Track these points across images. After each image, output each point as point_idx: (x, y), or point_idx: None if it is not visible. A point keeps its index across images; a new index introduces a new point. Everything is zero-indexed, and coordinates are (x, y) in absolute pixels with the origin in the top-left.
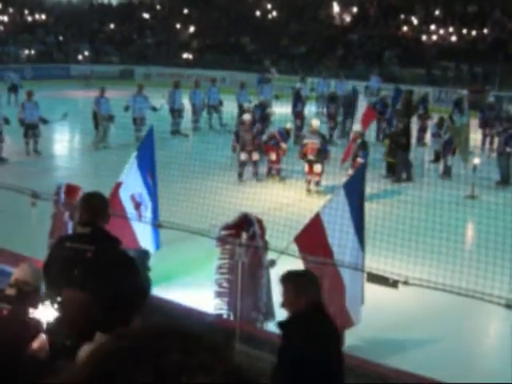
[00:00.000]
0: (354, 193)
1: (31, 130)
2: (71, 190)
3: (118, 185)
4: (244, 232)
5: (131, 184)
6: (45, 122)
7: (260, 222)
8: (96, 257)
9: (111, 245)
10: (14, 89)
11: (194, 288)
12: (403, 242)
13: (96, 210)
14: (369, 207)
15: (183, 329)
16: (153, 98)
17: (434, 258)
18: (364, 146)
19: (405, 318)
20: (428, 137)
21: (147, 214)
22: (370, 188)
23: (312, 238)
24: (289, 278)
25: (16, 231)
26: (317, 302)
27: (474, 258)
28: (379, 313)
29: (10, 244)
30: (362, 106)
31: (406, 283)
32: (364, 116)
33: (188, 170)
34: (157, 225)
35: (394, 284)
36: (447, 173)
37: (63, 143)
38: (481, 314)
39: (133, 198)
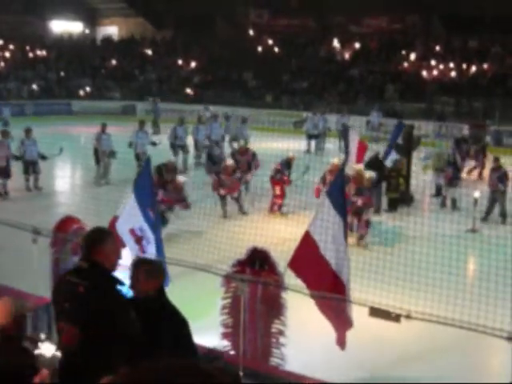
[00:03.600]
0: (337, 195)
1: (31, 166)
2: (63, 223)
3: (115, 219)
4: (248, 268)
5: (129, 218)
6: (43, 157)
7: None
8: (87, 292)
9: (106, 282)
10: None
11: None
12: (405, 276)
13: (94, 244)
14: (371, 241)
15: (197, 366)
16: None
17: (436, 292)
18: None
19: (406, 353)
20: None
21: (150, 248)
22: (373, 223)
23: (305, 256)
24: (139, 265)
25: (16, 268)
26: (161, 288)
27: (476, 292)
28: (381, 347)
29: (10, 281)
30: (353, 140)
31: (408, 317)
32: (358, 150)
33: (191, 206)
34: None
35: (396, 318)
36: (453, 205)
37: (64, 179)
38: (483, 348)
39: (132, 231)
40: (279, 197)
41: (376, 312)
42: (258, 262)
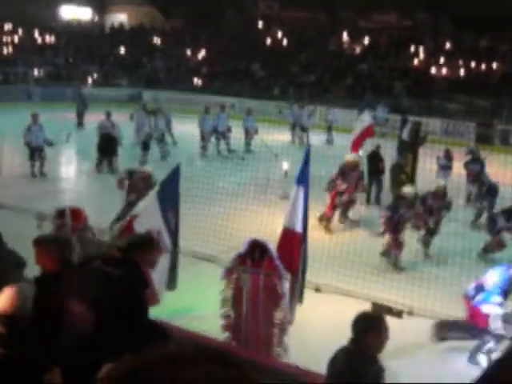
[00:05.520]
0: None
1: (37, 152)
2: (75, 213)
3: (133, 218)
4: (248, 259)
5: (149, 219)
6: (50, 144)
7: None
8: (119, 282)
9: (137, 276)
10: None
11: (200, 317)
12: (407, 272)
13: (138, 247)
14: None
15: (208, 349)
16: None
17: (439, 289)
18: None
19: (408, 347)
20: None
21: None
22: (377, 218)
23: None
24: (38, 242)
25: (20, 253)
26: (68, 261)
27: None
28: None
29: None
30: (363, 120)
31: (410, 313)
32: (360, 135)
33: (195, 196)
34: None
35: (398, 314)
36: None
37: (69, 166)
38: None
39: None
40: (328, 208)
41: (378, 308)
42: (257, 252)
